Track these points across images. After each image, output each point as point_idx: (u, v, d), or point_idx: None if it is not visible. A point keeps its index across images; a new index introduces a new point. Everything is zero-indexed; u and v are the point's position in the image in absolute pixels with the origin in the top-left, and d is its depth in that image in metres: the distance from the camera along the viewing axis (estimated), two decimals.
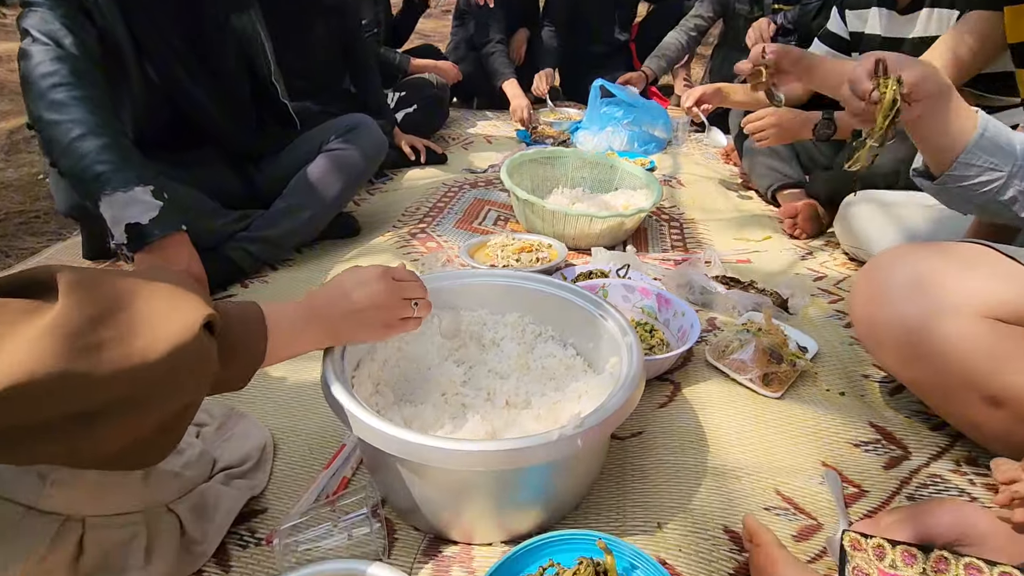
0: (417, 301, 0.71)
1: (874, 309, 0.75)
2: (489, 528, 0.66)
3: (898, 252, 0.76)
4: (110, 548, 0.56)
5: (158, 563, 0.58)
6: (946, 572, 0.53)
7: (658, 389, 0.91)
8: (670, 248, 1.48)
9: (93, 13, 1.04)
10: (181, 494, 0.66)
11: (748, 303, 1.09)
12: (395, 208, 1.68)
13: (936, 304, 0.69)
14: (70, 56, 0.98)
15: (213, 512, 0.66)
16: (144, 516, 0.60)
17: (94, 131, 0.96)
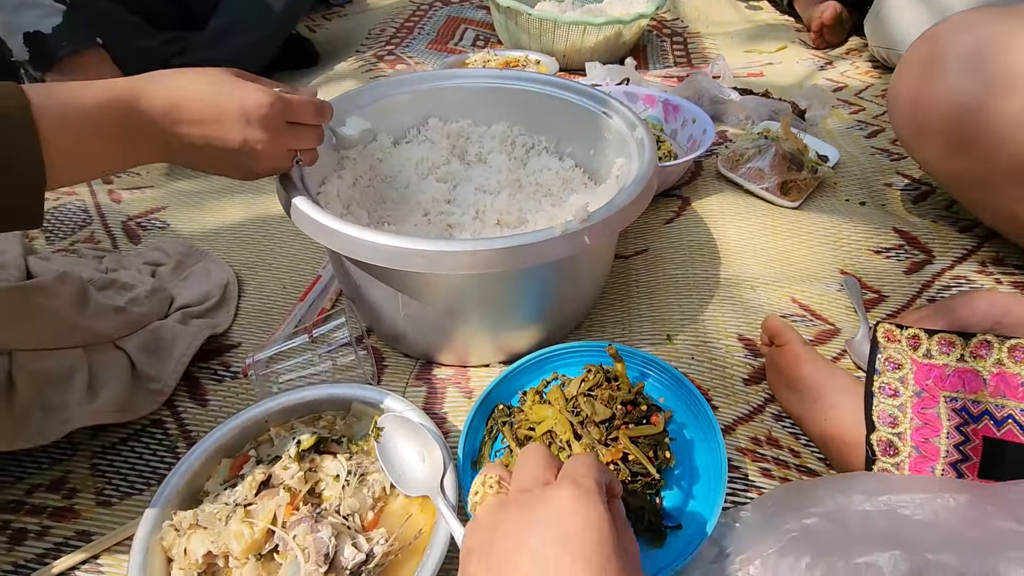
0: (301, 156, 0.55)
1: (923, 86, 0.63)
2: (485, 349, 0.60)
3: (962, 18, 0.63)
4: (44, 382, 0.50)
5: (105, 396, 0.52)
6: (987, 357, 0.49)
7: (664, 205, 0.82)
8: (673, 65, 1.31)
9: None
10: (130, 331, 0.59)
11: (764, 111, 0.97)
12: (357, 32, 1.45)
13: (999, 77, 0.58)
14: None
15: (169, 350, 0.59)
16: (85, 352, 0.53)
17: None
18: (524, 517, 0.28)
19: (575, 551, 0.26)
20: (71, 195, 0.89)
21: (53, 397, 0.50)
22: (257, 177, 0.52)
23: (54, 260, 0.60)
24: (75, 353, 0.52)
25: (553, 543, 0.26)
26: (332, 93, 1.16)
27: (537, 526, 0.27)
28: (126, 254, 0.75)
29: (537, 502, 0.28)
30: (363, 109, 0.71)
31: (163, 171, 0.96)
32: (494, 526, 0.29)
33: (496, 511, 0.30)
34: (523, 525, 0.27)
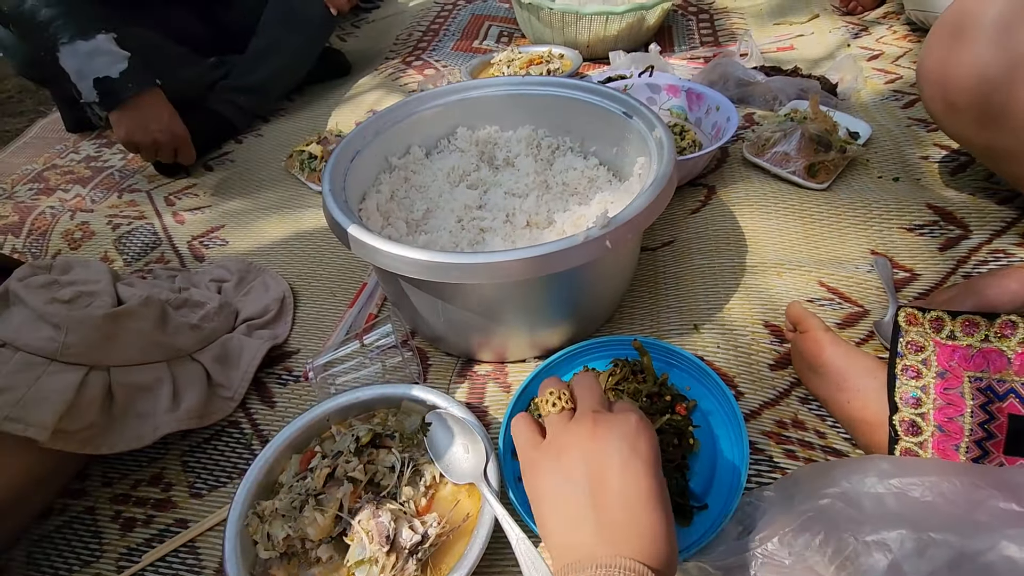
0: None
1: (952, 58, 0.63)
2: (521, 346, 0.64)
3: None
4: (137, 392, 0.57)
5: (187, 405, 0.59)
6: (1012, 336, 0.49)
7: (690, 195, 0.84)
8: (699, 45, 1.30)
9: None
10: (202, 345, 0.66)
11: (791, 90, 0.96)
12: (385, 38, 1.50)
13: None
14: None
15: (236, 360, 0.66)
16: (168, 365, 0.60)
17: None
18: (601, 428, 0.36)
19: (643, 458, 0.35)
20: (141, 219, 0.98)
21: (145, 406, 0.58)
22: None
23: (136, 285, 0.67)
24: (160, 367, 0.60)
25: (628, 451, 0.35)
26: (364, 103, 1.23)
27: (613, 436, 0.35)
28: (195, 271, 0.83)
29: (612, 420, 0.36)
30: (397, 125, 0.75)
31: (215, 191, 1.04)
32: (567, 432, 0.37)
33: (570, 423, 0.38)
34: (602, 433, 0.36)
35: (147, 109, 0.95)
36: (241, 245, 0.89)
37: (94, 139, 1.27)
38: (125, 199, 1.05)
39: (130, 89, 0.91)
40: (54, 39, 0.86)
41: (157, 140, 0.97)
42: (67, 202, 1.06)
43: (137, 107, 0.94)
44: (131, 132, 0.95)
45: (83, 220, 0.99)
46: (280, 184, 1.03)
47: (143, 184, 1.09)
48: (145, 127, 0.95)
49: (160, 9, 1.16)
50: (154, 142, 0.97)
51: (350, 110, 1.21)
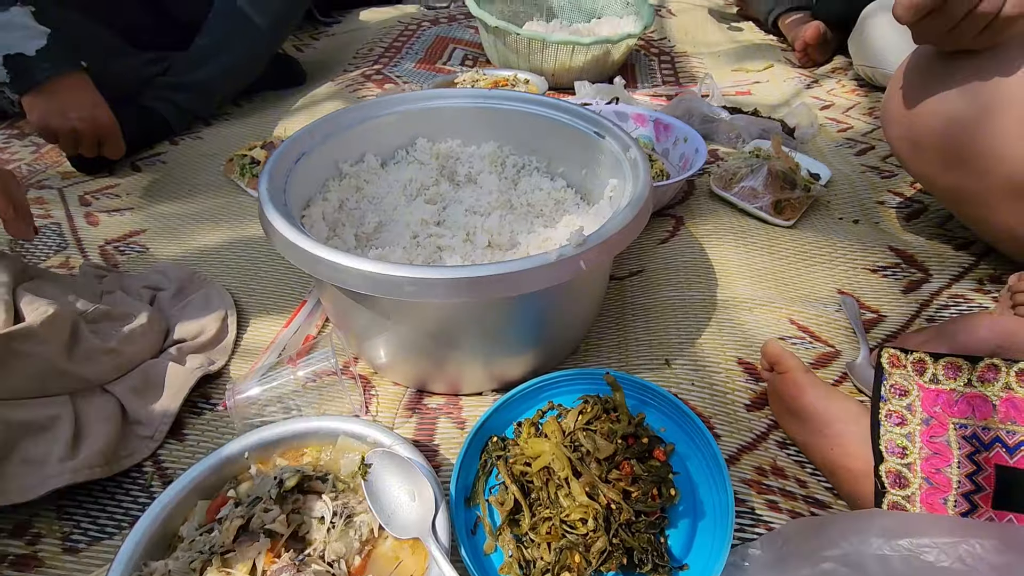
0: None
1: (917, 105, 0.63)
2: (478, 377, 0.58)
3: None
4: (25, 433, 0.47)
5: (87, 453, 0.49)
6: (995, 381, 0.47)
7: (659, 225, 0.81)
8: (661, 83, 1.31)
9: None
10: (119, 373, 0.56)
11: (755, 129, 0.97)
12: (345, 52, 1.44)
13: (991, 95, 0.58)
14: None
15: (160, 392, 0.56)
16: (71, 398, 0.50)
17: None
18: None
19: None
20: (46, 218, 0.86)
21: (35, 450, 0.47)
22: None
23: (46, 289, 0.56)
24: (60, 400, 0.50)
25: None
26: (316, 112, 1.15)
27: None
28: (127, 274, 0.71)
29: None
30: (351, 129, 0.69)
31: (142, 193, 0.93)
32: None
33: None
34: None
35: (67, 93, 0.85)
36: (164, 252, 0.79)
37: (3, 129, 1.13)
38: (32, 196, 0.92)
39: (47, 70, 0.81)
40: None
41: (77, 129, 0.86)
42: None
43: (55, 91, 0.83)
44: (45, 117, 0.83)
45: None
46: (217, 190, 0.93)
47: (55, 181, 0.96)
48: (63, 112, 0.84)
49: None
50: (73, 131, 0.86)
51: (302, 119, 1.13)
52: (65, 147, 0.89)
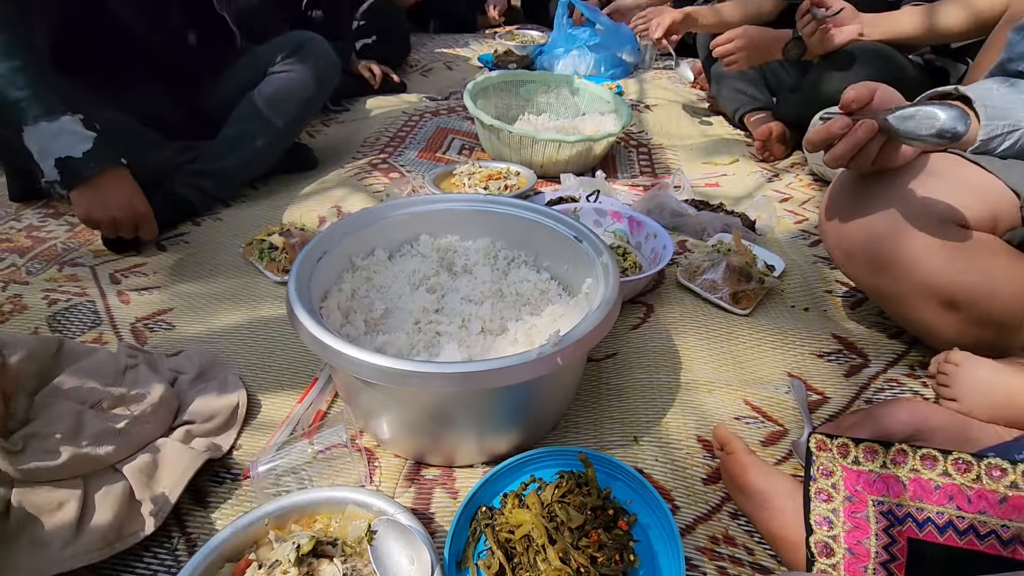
0: None
1: (845, 218, 0.75)
2: (470, 451, 0.66)
3: None
4: (31, 517, 0.53)
5: (90, 537, 0.54)
6: (904, 464, 0.56)
7: (631, 311, 0.91)
8: (638, 174, 1.46)
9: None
10: (129, 452, 0.63)
11: (718, 224, 1.09)
12: (353, 139, 1.59)
13: (903, 213, 0.70)
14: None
15: (166, 473, 0.62)
16: (83, 480, 0.57)
17: (7, 53, 0.85)
18: None
19: None
20: (82, 296, 0.95)
21: (41, 532, 0.53)
22: None
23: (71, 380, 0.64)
24: (72, 483, 0.56)
25: None
26: (328, 198, 1.28)
27: None
28: (160, 355, 0.78)
29: None
30: (363, 229, 0.80)
31: (168, 272, 1.03)
32: None
33: None
34: None
35: (108, 187, 0.96)
36: (189, 330, 0.88)
37: (39, 208, 1.23)
38: (66, 272, 1.02)
39: (92, 168, 0.92)
40: (20, 119, 0.87)
41: (116, 218, 0.97)
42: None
43: (98, 185, 0.94)
44: (90, 210, 0.95)
45: (16, 292, 0.95)
46: (236, 270, 1.03)
47: (88, 259, 1.06)
48: (104, 204, 0.95)
49: (138, 90, 1.20)
50: (113, 219, 0.97)
51: (314, 203, 1.26)
52: (106, 232, 1.00)
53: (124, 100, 1.16)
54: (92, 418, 0.62)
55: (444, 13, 2.60)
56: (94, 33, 1.11)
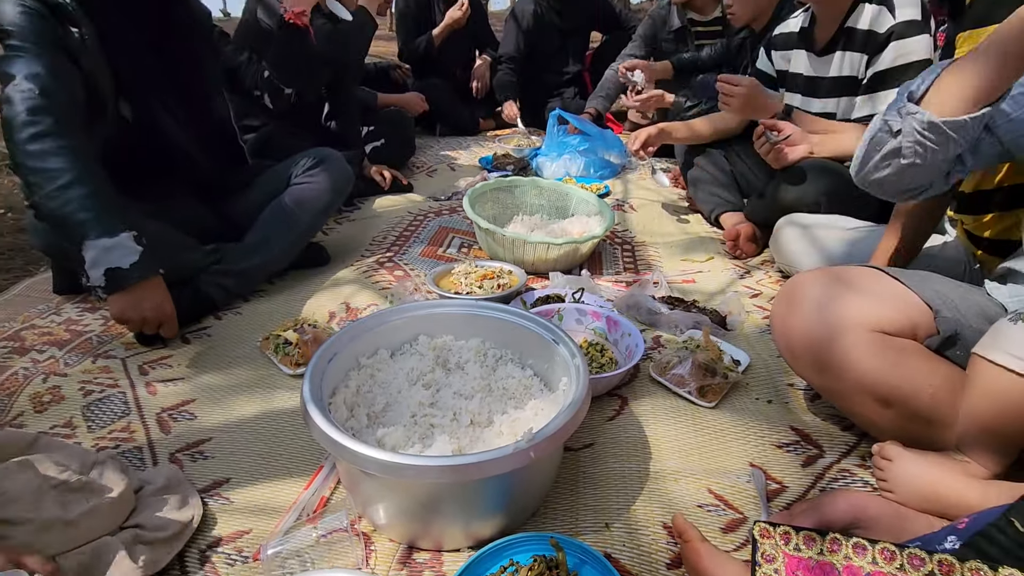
0: None
1: (789, 325, 0.86)
2: (456, 535, 0.74)
3: (807, 277, 0.89)
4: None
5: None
6: (838, 551, 0.64)
7: (608, 404, 1.01)
8: (622, 270, 1.60)
9: (80, 57, 1.08)
10: (74, 545, 0.64)
11: (689, 322, 1.21)
12: (363, 237, 1.75)
13: (836, 321, 0.81)
14: (54, 103, 1.02)
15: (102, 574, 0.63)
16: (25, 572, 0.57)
17: (79, 179, 1.01)
18: None
19: None
20: (114, 387, 1.05)
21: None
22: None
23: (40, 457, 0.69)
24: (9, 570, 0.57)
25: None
26: (339, 295, 1.41)
27: None
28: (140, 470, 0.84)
29: None
30: (369, 332, 0.92)
31: (191, 364, 1.14)
32: None
33: None
34: None
35: (143, 291, 1.09)
36: (209, 421, 0.97)
37: (78, 302, 1.37)
38: (99, 364, 1.13)
39: (135, 278, 1.05)
40: (83, 236, 1.01)
41: (146, 318, 1.09)
42: (40, 363, 1.13)
43: (135, 291, 1.07)
44: (124, 310, 1.07)
45: (55, 384, 1.06)
46: (253, 363, 1.14)
47: (119, 351, 1.17)
48: (138, 306, 1.08)
49: (177, 201, 1.37)
50: (142, 320, 1.09)
51: (326, 299, 1.39)
52: (132, 329, 1.12)
53: (166, 209, 1.33)
54: (50, 501, 0.65)
55: (449, 119, 2.88)
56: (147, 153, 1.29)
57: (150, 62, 1.22)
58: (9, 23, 1.01)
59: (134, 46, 1.18)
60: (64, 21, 1.05)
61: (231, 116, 1.42)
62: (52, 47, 1.03)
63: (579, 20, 2.98)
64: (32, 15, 1.02)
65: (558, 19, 2.93)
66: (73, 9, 1.06)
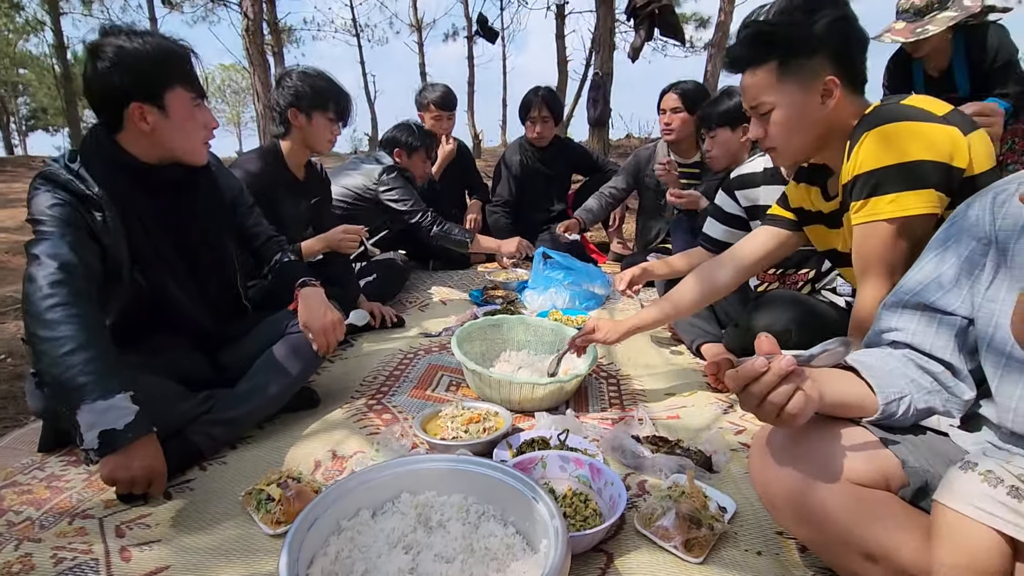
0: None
1: (767, 478, 0.87)
2: None
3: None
4: None
5: None
6: None
7: (593, 561, 0.99)
8: (608, 406, 1.62)
9: (101, 236, 1.20)
10: None
11: (673, 465, 1.21)
12: (354, 377, 1.79)
13: (813, 473, 0.83)
14: (71, 277, 1.11)
15: None
16: None
17: (84, 345, 1.07)
18: None
19: None
20: (87, 554, 1.02)
21: None
22: None
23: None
24: None
25: None
26: (327, 441, 1.42)
27: None
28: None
29: None
30: (350, 493, 0.92)
31: (170, 523, 1.11)
32: None
33: None
34: None
35: (135, 450, 1.09)
36: None
37: (63, 455, 1.36)
38: (76, 525, 1.10)
39: (129, 438, 1.07)
40: (80, 399, 1.05)
41: (135, 477, 1.09)
42: (15, 527, 1.10)
43: (128, 451, 1.08)
44: (114, 471, 1.08)
45: (27, 551, 1.03)
46: (234, 520, 1.12)
47: (98, 510, 1.15)
48: (128, 466, 1.09)
49: (175, 351, 1.42)
50: (132, 479, 1.09)
51: (313, 445, 1.39)
52: (121, 490, 1.11)
53: (163, 359, 1.38)
54: None
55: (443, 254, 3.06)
56: (154, 314, 1.37)
57: (167, 241, 1.34)
58: (41, 213, 1.14)
59: (153, 229, 1.31)
60: (91, 208, 1.18)
61: (238, 274, 1.52)
62: (75, 228, 1.15)
63: (560, 167, 3.30)
64: (63, 206, 1.15)
65: (542, 166, 3.24)
66: (100, 197, 1.20)
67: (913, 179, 1.05)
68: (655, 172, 2.75)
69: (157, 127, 1.24)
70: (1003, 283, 0.80)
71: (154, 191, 1.32)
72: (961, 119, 1.09)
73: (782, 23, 1.18)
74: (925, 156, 1.04)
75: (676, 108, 2.69)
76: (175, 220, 1.36)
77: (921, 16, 2.32)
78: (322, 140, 2.03)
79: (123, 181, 1.26)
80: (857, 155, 1.10)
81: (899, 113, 1.08)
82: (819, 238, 1.42)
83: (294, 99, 1.96)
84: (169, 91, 1.23)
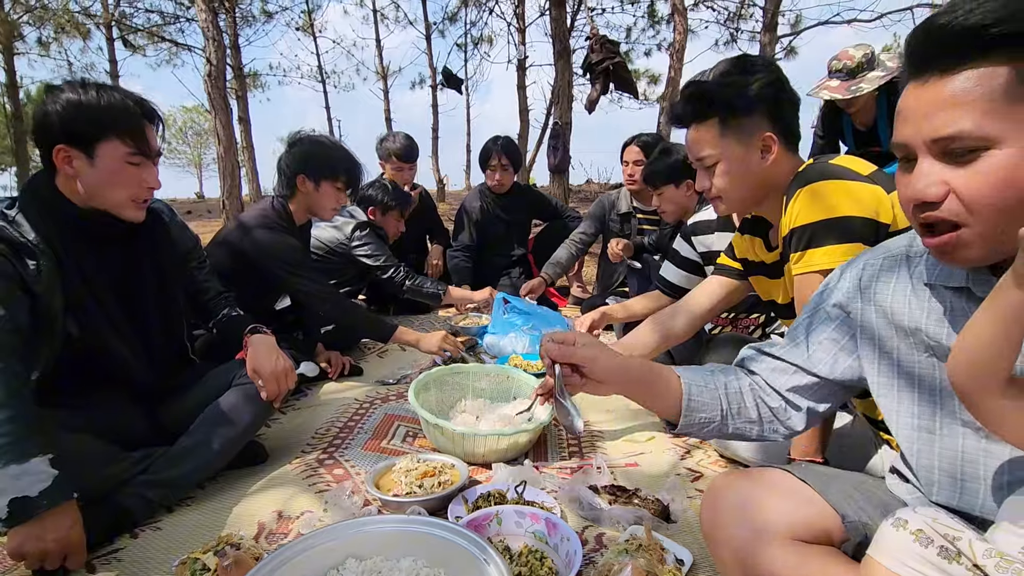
0: None
1: (716, 537, 0.87)
2: None
3: (727, 480, 0.91)
4: None
5: None
6: None
7: None
8: (567, 455, 1.60)
9: (32, 285, 1.14)
10: None
11: (630, 517, 1.20)
12: (306, 428, 1.72)
13: (755, 528, 0.83)
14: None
15: None
16: None
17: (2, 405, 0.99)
18: None
19: None
20: None
21: None
22: None
23: None
24: None
25: None
26: (272, 501, 1.35)
27: None
28: None
29: None
30: (290, 560, 0.87)
31: None
32: None
33: None
34: None
35: (50, 520, 1.00)
36: None
37: None
38: None
39: (44, 506, 0.98)
40: None
41: (48, 551, 1.00)
42: None
43: (41, 521, 0.98)
44: (23, 543, 0.98)
45: None
46: None
47: None
48: (41, 537, 0.99)
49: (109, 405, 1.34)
50: (43, 553, 1.00)
51: (258, 505, 1.31)
52: (30, 565, 1.01)
53: (97, 415, 1.29)
54: None
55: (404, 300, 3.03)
56: (87, 366, 1.29)
57: (109, 292, 1.28)
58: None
59: (93, 278, 1.25)
60: (24, 255, 1.13)
61: (185, 327, 1.46)
62: (4, 278, 1.09)
63: (520, 212, 3.37)
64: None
65: (502, 212, 3.30)
66: (35, 245, 1.14)
67: (843, 233, 1.11)
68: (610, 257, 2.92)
69: (82, 173, 1.21)
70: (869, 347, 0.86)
71: (95, 240, 1.27)
72: (884, 179, 1.17)
73: (722, 83, 1.26)
74: (853, 212, 1.10)
75: (638, 160, 2.84)
76: (118, 271, 1.31)
77: (853, 75, 2.52)
78: (327, 208, 2.04)
79: (61, 228, 1.21)
80: (793, 209, 1.17)
81: (829, 172, 1.16)
82: (761, 288, 1.48)
83: (303, 165, 1.96)
84: (104, 142, 1.20)
